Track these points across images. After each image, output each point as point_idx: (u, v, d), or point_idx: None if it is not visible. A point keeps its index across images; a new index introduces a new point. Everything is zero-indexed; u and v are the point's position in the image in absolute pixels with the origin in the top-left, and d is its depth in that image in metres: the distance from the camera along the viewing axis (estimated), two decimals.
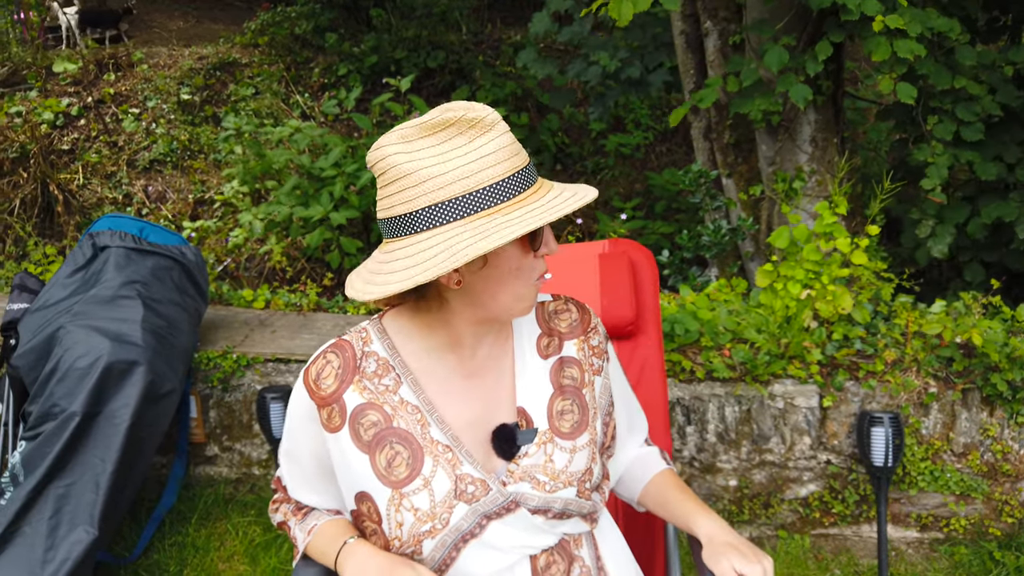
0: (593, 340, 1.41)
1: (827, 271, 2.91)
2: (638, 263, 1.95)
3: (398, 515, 1.23)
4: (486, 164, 1.15)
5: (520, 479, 1.27)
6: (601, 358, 1.41)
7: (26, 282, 3.10)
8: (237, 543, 2.93)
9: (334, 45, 6.80)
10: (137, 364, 2.64)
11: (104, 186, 5.66)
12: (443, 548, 1.24)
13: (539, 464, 1.28)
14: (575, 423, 1.33)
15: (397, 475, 1.24)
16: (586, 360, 1.38)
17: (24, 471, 2.52)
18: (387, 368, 1.30)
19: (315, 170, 4.21)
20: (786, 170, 4.03)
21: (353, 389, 1.28)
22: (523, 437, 1.29)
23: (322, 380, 1.29)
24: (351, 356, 1.31)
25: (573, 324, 1.40)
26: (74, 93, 6.33)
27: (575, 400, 1.35)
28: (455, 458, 1.26)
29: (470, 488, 1.25)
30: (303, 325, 3.39)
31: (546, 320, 1.40)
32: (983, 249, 4.16)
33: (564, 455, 1.30)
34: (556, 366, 1.36)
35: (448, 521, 1.24)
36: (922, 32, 3.25)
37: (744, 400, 2.91)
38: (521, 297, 1.26)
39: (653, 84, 5.01)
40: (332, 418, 1.28)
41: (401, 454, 1.25)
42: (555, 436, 1.31)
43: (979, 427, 2.89)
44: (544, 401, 1.33)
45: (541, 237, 1.24)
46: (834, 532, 2.98)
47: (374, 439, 1.26)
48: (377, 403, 1.27)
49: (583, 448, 1.32)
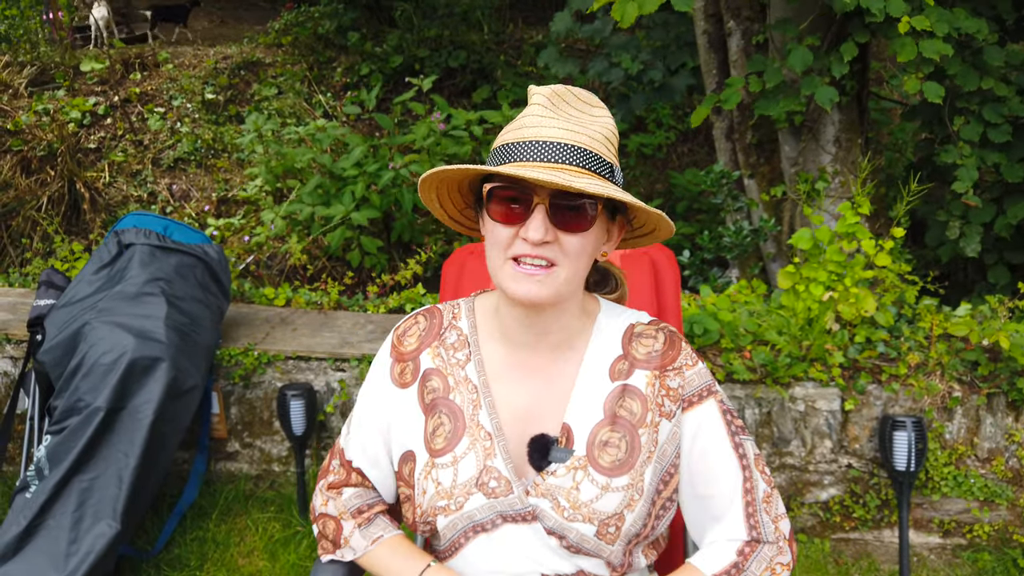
0: (672, 381, 1.27)
1: (850, 273, 2.88)
2: (659, 263, 1.94)
3: (425, 483, 1.26)
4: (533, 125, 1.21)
5: (542, 495, 1.23)
6: (677, 404, 1.27)
7: (52, 279, 3.15)
8: (257, 539, 2.96)
9: (356, 45, 6.83)
10: (160, 360, 2.67)
11: (129, 184, 5.73)
12: (454, 530, 1.26)
13: (564, 488, 1.22)
14: (617, 460, 1.23)
15: (436, 444, 1.28)
16: (654, 398, 1.26)
17: (49, 465, 2.56)
18: (464, 343, 1.34)
19: (337, 169, 4.23)
20: (809, 171, 3.99)
21: (429, 352, 1.34)
22: (556, 455, 1.24)
23: (407, 337, 1.37)
24: (438, 323, 1.37)
25: (652, 354, 1.29)
26: (101, 92, 6.42)
27: (625, 436, 1.24)
28: (492, 448, 1.26)
29: (492, 483, 1.24)
30: (324, 323, 3.41)
31: (628, 341, 1.31)
32: (1008, 250, 4.11)
33: (594, 489, 1.22)
34: (616, 393, 1.27)
35: (462, 506, 1.24)
36: (948, 32, 3.21)
37: (764, 402, 2.89)
38: (498, 269, 1.22)
39: (677, 89, 4.98)
40: (404, 374, 1.34)
41: (444, 425, 1.28)
42: (589, 465, 1.23)
43: (1004, 432, 2.85)
44: (590, 425, 1.25)
45: (520, 214, 1.18)
46: (855, 537, 2.95)
47: (431, 403, 1.30)
48: (444, 372, 1.32)
49: (619, 490, 1.22)
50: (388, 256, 4.38)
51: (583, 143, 1.18)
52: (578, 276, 1.23)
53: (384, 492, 1.41)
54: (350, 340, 3.23)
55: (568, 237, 1.19)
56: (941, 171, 4.25)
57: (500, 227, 1.20)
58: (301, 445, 3.06)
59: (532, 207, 1.17)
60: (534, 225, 1.17)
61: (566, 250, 1.19)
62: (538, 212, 1.17)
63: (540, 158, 1.17)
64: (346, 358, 3.14)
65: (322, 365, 3.15)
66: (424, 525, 1.29)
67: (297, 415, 3.00)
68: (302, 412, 3.00)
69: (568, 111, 1.22)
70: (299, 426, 3.01)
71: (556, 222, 1.18)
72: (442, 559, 1.31)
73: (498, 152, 1.22)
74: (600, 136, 1.21)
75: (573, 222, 1.19)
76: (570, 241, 1.19)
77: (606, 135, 1.22)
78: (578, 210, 1.18)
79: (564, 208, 1.18)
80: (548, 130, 1.19)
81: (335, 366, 3.15)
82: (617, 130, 1.27)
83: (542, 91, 1.23)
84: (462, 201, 1.34)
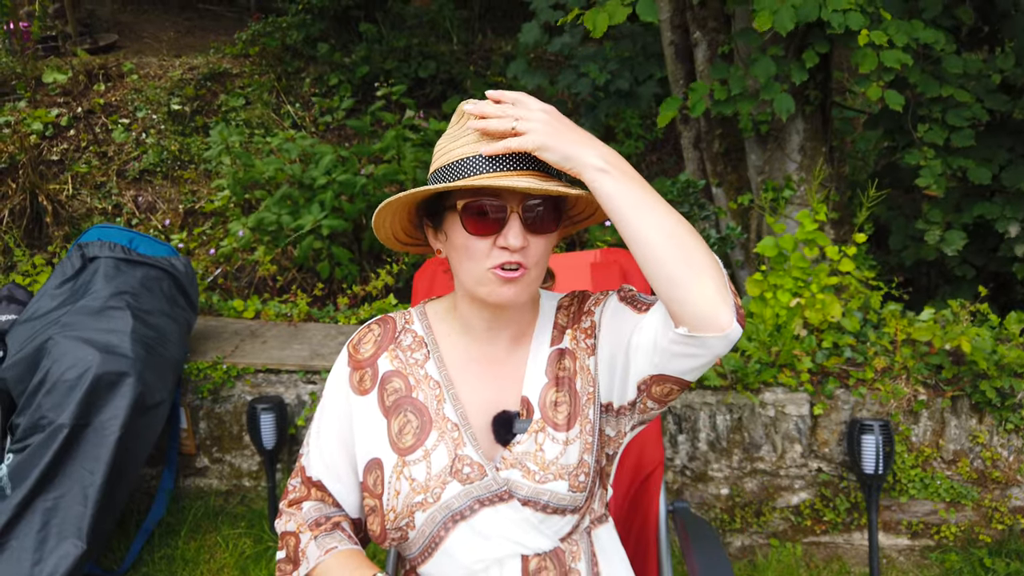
0: (584, 323, 1.38)
1: (816, 279, 2.92)
2: (629, 271, 1.96)
3: (398, 483, 1.29)
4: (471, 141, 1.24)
5: (511, 466, 1.29)
6: (592, 336, 1.37)
7: (14, 293, 3.08)
8: (227, 555, 2.91)
9: (325, 55, 6.80)
10: (126, 375, 2.63)
11: (93, 196, 5.63)
12: (433, 524, 1.27)
13: (530, 452, 1.29)
14: (568, 414, 1.32)
15: (404, 443, 1.31)
16: (578, 347, 1.37)
17: (11, 484, 2.50)
18: (420, 344, 1.39)
19: (306, 179, 4.20)
20: (775, 179, 4.05)
21: (386, 356, 1.39)
22: (519, 425, 1.31)
23: (362, 345, 1.41)
24: (392, 328, 1.42)
25: (572, 315, 1.40)
26: (64, 103, 6.32)
27: (567, 390, 1.34)
28: (460, 438, 1.31)
29: (466, 469, 1.28)
30: (294, 335, 3.38)
31: (558, 313, 1.42)
32: (971, 254, 4.20)
33: (556, 446, 1.30)
34: (554, 356, 1.37)
35: (439, 496, 1.27)
36: (908, 44, 3.29)
37: (735, 408, 2.92)
38: (480, 280, 1.26)
39: (643, 96, 5.03)
40: (364, 381, 1.38)
41: (411, 423, 1.32)
42: (548, 426, 1.31)
43: (968, 434, 2.90)
44: (539, 391, 1.34)
45: (495, 224, 1.23)
46: (825, 540, 2.98)
47: (393, 405, 1.34)
48: (404, 372, 1.36)
49: (576, 440, 1.31)
50: (359, 267, 4.35)
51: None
52: (541, 275, 1.32)
53: (347, 506, 1.41)
54: (321, 352, 3.20)
55: (537, 240, 1.26)
56: (904, 177, 4.33)
57: (476, 240, 1.24)
58: (272, 459, 3.03)
59: (508, 216, 1.23)
60: (513, 233, 1.22)
61: (535, 252, 1.26)
62: (514, 220, 1.23)
63: (499, 168, 1.22)
64: (317, 370, 3.11)
65: (292, 378, 3.12)
66: (395, 532, 1.29)
67: (267, 429, 2.97)
68: (272, 425, 2.97)
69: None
70: (269, 440, 2.97)
71: (529, 228, 1.24)
72: (419, 565, 1.31)
73: (448, 169, 1.24)
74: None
75: (543, 226, 1.26)
76: (538, 243, 1.26)
77: None
78: (546, 213, 1.25)
79: (535, 213, 1.24)
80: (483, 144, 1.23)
81: (305, 378, 3.12)
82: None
83: (472, 110, 1.24)
84: (408, 223, 1.37)
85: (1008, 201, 3.87)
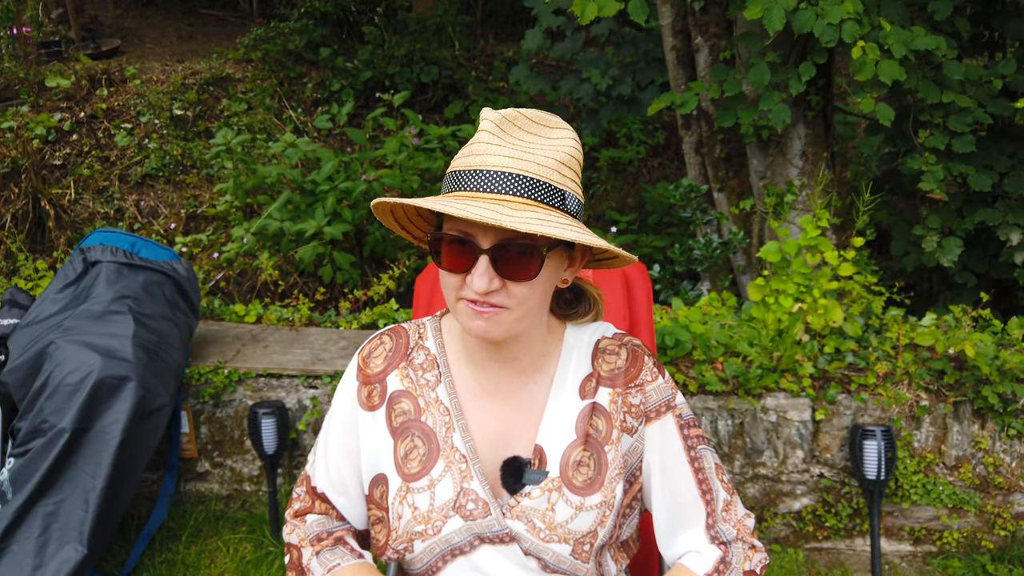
0: (634, 398, 1.27)
1: (817, 284, 2.92)
2: (631, 277, 1.96)
3: (400, 507, 1.25)
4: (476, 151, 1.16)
5: (517, 517, 1.23)
6: (639, 420, 1.27)
7: (16, 297, 3.08)
8: (228, 560, 2.91)
9: (327, 60, 6.82)
10: (128, 380, 2.63)
11: (96, 201, 5.65)
12: (431, 555, 1.24)
13: (539, 510, 1.22)
14: (588, 479, 1.23)
15: (409, 468, 1.26)
16: (617, 414, 1.26)
17: (12, 488, 2.50)
18: (433, 364, 1.32)
19: (308, 184, 4.21)
20: (777, 184, 4.05)
21: (397, 374, 1.31)
22: (530, 477, 1.23)
23: (372, 358, 1.34)
24: (404, 343, 1.34)
25: (616, 371, 1.28)
26: (66, 108, 6.33)
27: (593, 454, 1.24)
28: (468, 471, 1.24)
29: (470, 505, 1.23)
30: (295, 340, 3.38)
31: (595, 358, 1.30)
32: (972, 261, 4.20)
33: (568, 509, 1.22)
34: (586, 412, 1.26)
35: (440, 530, 1.23)
36: (906, 55, 3.29)
37: (737, 413, 2.92)
38: (456, 310, 1.19)
39: (645, 102, 5.04)
40: (372, 397, 1.31)
41: (418, 448, 1.26)
42: (564, 486, 1.23)
43: (971, 440, 2.90)
44: (563, 446, 1.25)
45: (464, 261, 1.13)
46: (828, 546, 2.98)
47: (401, 427, 1.28)
48: (413, 394, 1.30)
49: (593, 509, 1.23)
50: (360, 271, 4.36)
51: (529, 171, 1.12)
52: (531, 315, 1.19)
53: (352, 519, 1.38)
54: (322, 357, 3.20)
55: (515, 285, 1.14)
56: (905, 182, 4.34)
57: (447, 273, 1.16)
58: (273, 464, 3.02)
59: (476, 256, 1.12)
60: (478, 274, 1.12)
61: (513, 296, 1.14)
62: (481, 261, 1.12)
63: (483, 188, 1.11)
64: (318, 375, 3.11)
65: (294, 382, 3.12)
66: (394, 553, 1.27)
67: (268, 433, 2.96)
68: (273, 430, 2.97)
69: (518, 136, 1.16)
70: (271, 444, 2.97)
71: (502, 270, 1.12)
72: None
73: (447, 180, 1.18)
74: (551, 161, 1.14)
75: (519, 269, 1.13)
76: (517, 288, 1.14)
77: (560, 159, 1.15)
78: (524, 254, 1.12)
79: (509, 254, 1.12)
80: (493, 158, 1.13)
81: (307, 383, 3.12)
82: (581, 150, 1.21)
83: (491, 116, 1.16)
84: (424, 223, 1.29)
85: (1010, 208, 3.88)
